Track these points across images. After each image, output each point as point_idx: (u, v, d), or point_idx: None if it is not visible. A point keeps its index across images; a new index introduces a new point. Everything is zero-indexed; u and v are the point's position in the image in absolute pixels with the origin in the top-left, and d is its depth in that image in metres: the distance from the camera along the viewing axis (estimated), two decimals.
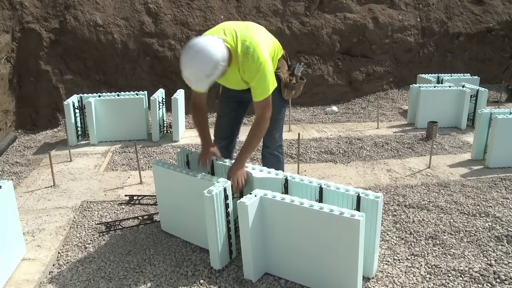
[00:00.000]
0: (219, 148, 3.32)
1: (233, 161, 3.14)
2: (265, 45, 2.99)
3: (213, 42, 2.73)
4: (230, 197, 2.88)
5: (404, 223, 3.51)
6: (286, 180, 2.92)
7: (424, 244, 3.22)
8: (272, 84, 3.00)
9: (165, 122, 5.90)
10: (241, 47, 2.88)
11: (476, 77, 7.05)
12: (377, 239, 2.75)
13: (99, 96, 5.57)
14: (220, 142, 3.48)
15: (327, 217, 2.49)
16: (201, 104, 3.23)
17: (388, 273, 2.89)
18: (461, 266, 2.92)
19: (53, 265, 3.05)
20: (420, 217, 3.60)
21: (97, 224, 3.57)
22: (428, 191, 4.13)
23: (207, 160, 3.21)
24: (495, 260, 2.99)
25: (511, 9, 8.78)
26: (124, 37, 6.62)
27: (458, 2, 8.65)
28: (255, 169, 3.08)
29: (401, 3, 8.23)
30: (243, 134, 5.59)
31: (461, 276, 2.83)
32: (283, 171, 3.24)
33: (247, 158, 3.08)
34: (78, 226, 3.55)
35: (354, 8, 7.82)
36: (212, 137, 3.40)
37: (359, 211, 2.64)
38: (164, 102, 5.87)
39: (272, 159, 3.51)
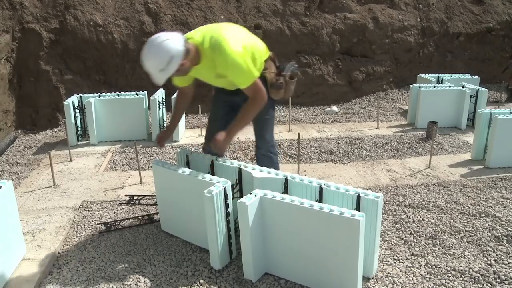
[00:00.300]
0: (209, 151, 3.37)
1: (232, 162, 3.14)
2: (236, 40, 2.98)
3: (170, 39, 2.79)
4: (230, 196, 2.88)
5: (404, 223, 3.51)
6: (286, 180, 2.92)
7: (424, 244, 3.22)
8: (252, 70, 2.98)
9: (165, 122, 5.90)
10: (209, 42, 2.93)
11: (476, 77, 7.05)
12: (377, 239, 2.75)
13: (99, 96, 5.57)
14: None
15: (327, 217, 2.49)
16: (187, 91, 3.42)
17: (388, 273, 2.89)
18: (461, 266, 2.92)
19: (53, 265, 3.04)
20: (420, 217, 3.60)
21: (97, 224, 3.57)
22: (428, 191, 4.13)
23: (162, 141, 3.46)
24: (495, 260, 2.99)
25: (511, 9, 8.78)
26: (124, 37, 6.62)
27: (458, 2, 8.65)
28: (255, 169, 3.08)
29: (401, 3, 8.23)
30: (243, 135, 5.59)
31: (461, 276, 2.83)
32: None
33: (235, 132, 3.10)
34: (78, 226, 3.55)
35: (354, 8, 7.82)
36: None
37: (359, 211, 2.64)
38: (164, 102, 5.87)
39: (265, 160, 3.51)
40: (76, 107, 5.50)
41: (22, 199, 4.02)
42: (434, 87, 6.18)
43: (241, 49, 2.94)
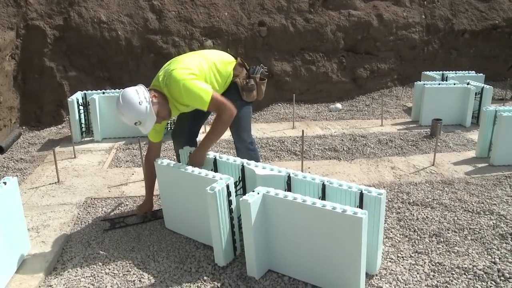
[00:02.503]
0: (181, 143, 3.52)
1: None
2: (185, 67, 3.13)
3: (130, 94, 3.02)
4: (233, 193, 2.88)
5: (408, 220, 3.51)
6: (289, 177, 2.92)
7: (428, 241, 3.21)
8: (204, 91, 3.08)
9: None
10: (162, 81, 3.13)
11: (481, 74, 7.02)
12: (380, 236, 2.74)
13: (103, 93, 5.58)
14: (180, 140, 3.60)
15: (330, 214, 2.48)
16: (152, 159, 3.41)
17: (392, 270, 2.88)
18: (465, 264, 2.91)
19: (58, 261, 3.06)
20: (424, 214, 3.59)
21: (101, 220, 3.58)
22: (432, 188, 4.11)
23: (144, 213, 3.56)
24: (499, 258, 2.98)
25: None
26: (128, 34, 6.62)
27: None
28: (258, 167, 3.08)
29: (405, 0, 8.20)
30: None
31: (465, 274, 2.83)
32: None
33: (207, 146, 3.24)
34: (82, 223, 3.56)
35: (358, 5, 7.80)
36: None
37: (362, 208, 2.63)
38: None
39: (245, 157, 3.51)
40: (80, 104, 5.51)
41: (26, 195, 4.04)
42: (439, 84, 6.15)
43: (188, 75, 3.08)
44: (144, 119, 3.04)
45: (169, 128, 5.88)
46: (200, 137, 3.57)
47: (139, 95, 3.02)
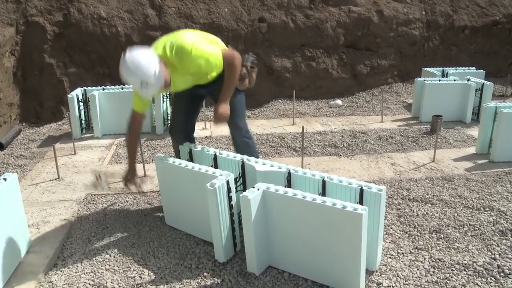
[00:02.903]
0: (180, 140, 3.55)
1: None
2: (190, 36, 3.17)
3: (143, 53, 2.93)
4: (233, 190, 2.88)
5: (408, 216, 3.51)
6: (289, 173, 2.92)
7: (428, 237, 3.21)
8: (214, 53, 3.20)
9: (169, 115, 5.90)
10: (171, 50, 3.07)
11: (482, 70, 7.01)
12: (381, 232, 2.75)
13: (103, 89, 5.57)
14: (178, 136, 3.61)
15: (330, 210, 2.48)
16: (137, 128, 3.35)
17: (392, 266, 2.89)
18: (465, 260, 2.91)
19: (58, 257, 3.06)
20: (424, 211, 3.60)
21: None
22: (432, 185, 4.11)
23: (129, 183, 3.44)
24: (499, 254, 2.98)
25: None
26: (128, 30, 6.61)
27: None
28: (258, 163, 3.08)
29: None
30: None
31: (465, 270, 2.83)
32: (256, 155, 3.44)
33: (228, 96, 3.31)
34: (83, 219, 3.56)
35: (358, 1, 7.77)
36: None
37: (362, 204, 2.63)
38: (168, 95, 5.87)
39: (243, 146, 3.59)
40: (80, 100, 5.51)
41: (26, 191, 4.04)
42: (439, 80, 6.14)
43: (197, 41, 3.13)
44: (151, 82, 2.90)
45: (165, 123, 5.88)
46: (198, 134, 3.56)
47: (150, 57, 2.93)
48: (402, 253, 3.03)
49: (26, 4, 6.27)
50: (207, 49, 3.15)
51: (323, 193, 2.80)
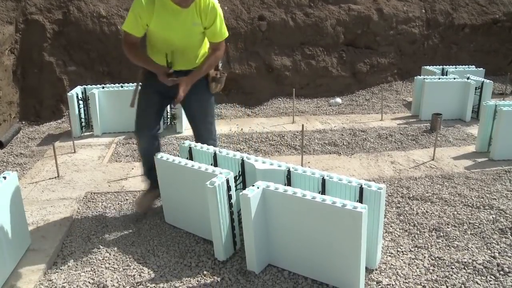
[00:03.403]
0: (147, 140, 3.44)
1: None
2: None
3: None
4: (233, 188, 2.88)
5: (407, 215, 3.51)
6: (289, 171, 2.92)
7: (428, 236, 3.22)
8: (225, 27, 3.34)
9: (169, 114, 5.90)
10: None
11: (481, 69, 7.01)
12: (380, 230, 2.75)
13: (103, 88, 5.57)
14: (144, 134, 3.45)
15: (330, 209, 2.49)
16: (135, 43, 3.21)
17: (392, 264, 2.89)
18: (464, 258, 2.92)
19: (58, 255, 3.06)
20: (424, 209, 3.60)
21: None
22: (432, 183, 4.12)
23: (167, 77, 3.21)
24: (499, 253, 2.99)
25: None
26: None
27: None
28: (258, 161, 3.08)
29: None
30: (246, 126, 5.58)
31: (464, 268, 2.83)
32: None
33: (199, 76, 3.29)
34: (82, 217, 3.56)
35: None
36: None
37: (361, 202, 2.63)
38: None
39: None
40: (80, 99, 5.50)
41: (26, 190, 4.04)
42: (439, 79, 6.14)
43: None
44: None
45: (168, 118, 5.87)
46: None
47: None
48: (402, 252, 3.03)
49: (26, 2, 6.26)
50: (223, 20, 3.29)
51: (323, 192, 2.80)
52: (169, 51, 3.23)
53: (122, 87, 5.57)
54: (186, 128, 5.76)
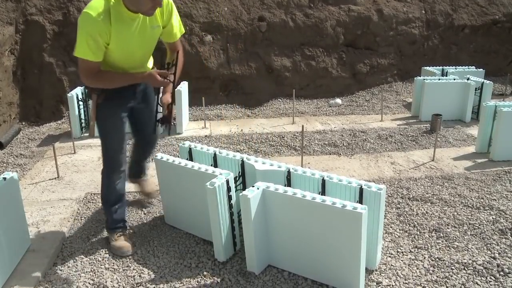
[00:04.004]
0: (123, 175, 3.11)
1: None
2: None
3: None
4: (233, 189, 2.88)
5: (407, 215, 3.51)
6: (289, 172, 2.92)
7: (428, 236, 3.22)
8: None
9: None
10: None
11: (481, 69, 7.01)
12: (380, 231, 2.75)
13: None
14: (121, 170, 3.09)
15: (330, 210, 2.48)
16: (98, 69, 2.75)
17: (392, 265, 2.89)
18: (464, 259, 2.92)
19: (57, 256, 3.06)
20: (424, 209, 3.60)
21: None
22: (432, 184, 4.12)
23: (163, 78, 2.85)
24: (499, 253, 2.99)
25: None
26: None
27: None
28: (258, 162, 3.08)
29: None
30: (246, 127, 5.55)
31: (464, 269, 2.83)
32: None
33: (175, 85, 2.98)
34: (82, 218, 3.56)
35: (358, 0, 7.77)
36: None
37: (361, 203, 2.63)
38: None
39: (148, 155, 3.59)
40: (80, 99, 5.50)
41: (26, 190, 4.04)
42: (439, 79, 6.15)
43: None
44: None
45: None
46: (198, 133, 3.53)
47: None
48: (402, 252, 3.03)
49: (26, 3, 6.26)
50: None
51: (323, 192, 2.80)
52: (129, 67, 2.87)
53: None
54: (186, 129, 5.77)
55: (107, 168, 3.06)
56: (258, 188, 2.68)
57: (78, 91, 5.50)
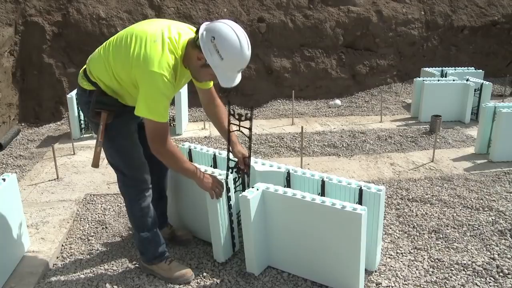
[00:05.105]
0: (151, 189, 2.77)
1: None
2: None
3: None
4: (232, 190, 2.87)
5: (407, 216, 3.51)
6: (288, 173, 2.92)
7: (427, 238, 3.22)
8: None
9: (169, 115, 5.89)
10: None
11: (481, 70, 7.02)
12: (380, 232, 2.75)
13: None
14: (149, 185, 2.76)
15: (329, 210, 2.48)
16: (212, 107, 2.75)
17: (391, 266, 2.89)
18: (464, 260, 2.92)
19: (57, 257, 3.06)
20: (423, 211, 3.60)
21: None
22: (431, 185, 4.12)
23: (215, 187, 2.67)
24: (498, 254, 2.99)
25: None
26: None
27: None
28: (257, 163, 3.07)
29: None
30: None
31: (464, 270, 2.83)
32: None
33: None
34: (82, 219, 3.56)
35: (357, 1, 7.78)
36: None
37: (361, 204, 2.63)
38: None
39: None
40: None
41: (25, 192, 4.03)
42: (438, 80, 6.15)
43: None
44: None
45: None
46: (197, 135, 3.52)
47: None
48: (401, 253, 3.03)
49: (25, 4, 6.26)
50: None
51: (322, 193, 2.80)
52: (128, 100, 2.60)
53: None
54: (185, 130, 5.76)
55: (135, 190, 2.68)
56: (257, 189, 2.68)
57: None
